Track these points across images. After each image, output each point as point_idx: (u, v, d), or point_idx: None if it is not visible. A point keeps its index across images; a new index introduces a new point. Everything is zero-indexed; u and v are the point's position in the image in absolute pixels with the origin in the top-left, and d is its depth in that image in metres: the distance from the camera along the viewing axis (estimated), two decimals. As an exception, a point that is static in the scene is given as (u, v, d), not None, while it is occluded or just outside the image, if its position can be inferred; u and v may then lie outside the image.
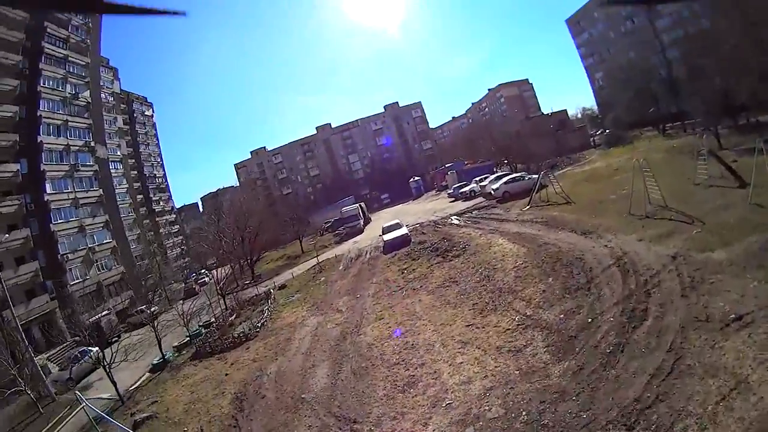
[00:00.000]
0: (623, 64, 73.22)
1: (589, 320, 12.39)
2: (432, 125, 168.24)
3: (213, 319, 30.44)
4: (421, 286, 20.89)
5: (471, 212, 38.58)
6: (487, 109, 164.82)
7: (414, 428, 10.79)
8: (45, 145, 48.21)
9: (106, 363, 20.33)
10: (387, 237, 34.19)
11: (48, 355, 37.09)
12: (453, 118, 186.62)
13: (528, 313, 13.66)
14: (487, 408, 10.49)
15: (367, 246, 38.98)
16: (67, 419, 17.05)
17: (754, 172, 17.41)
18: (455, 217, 38.65)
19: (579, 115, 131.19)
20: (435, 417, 10.88)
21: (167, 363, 24.46)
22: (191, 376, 20.71)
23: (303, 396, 14.23)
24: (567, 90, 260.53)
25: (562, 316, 12.83)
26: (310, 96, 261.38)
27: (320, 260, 38.69)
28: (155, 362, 24.87)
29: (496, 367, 11.95)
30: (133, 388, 22.27)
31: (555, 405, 9.67)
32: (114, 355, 20.95)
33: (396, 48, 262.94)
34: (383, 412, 11.84)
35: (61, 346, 38.92)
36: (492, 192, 41.54)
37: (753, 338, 9.06)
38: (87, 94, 57.16)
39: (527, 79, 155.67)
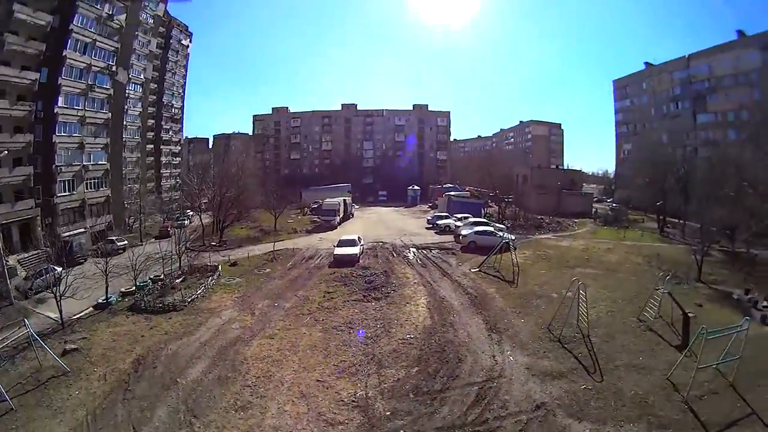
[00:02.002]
0: (651, 145, 72.40)
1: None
2: (458, 136, 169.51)
3: (162, 276, 31.90)
4: (323, 319, 22.22)
5: (431, 250, 39.62)
6: (513, 139, 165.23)
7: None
8: (68, 59, 48.95)
9: (59, 292, 23.54)
10: (337, 252, 35.72)
11: (20, 257, 39.28)
12: (479, 137, 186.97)
13: (369, 394, 14.77)
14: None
15: (324, 249, 40.26)
16: (10, 337, 19.09)
17: (702, 342, 15.20)
18: (414, 250, 39.83)
19: (600, 174, 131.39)
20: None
21: (109, 305, 26.78)
22: (120, 325, 23.31)
23: (177, 379, 16.66)
24: (596, 146, 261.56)
25: (388, 413, 13.76)
26: (348, 65, 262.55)
27: (277, 249, 40.36)
28: (100, 301, 26.97)
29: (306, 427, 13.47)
30: (75, 317, 24.83)
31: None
32: (67, 287, 24.14)
33: (448, 47, 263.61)
34: (215, 421, 13.99)
35: (34, 253, 40.91)
36: (461, 236, 42.29)
37: None
38: (123, 17, 57.35)
39: (559, 124, 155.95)
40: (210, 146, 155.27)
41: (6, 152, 39.17)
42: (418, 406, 14.21)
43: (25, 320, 19.23)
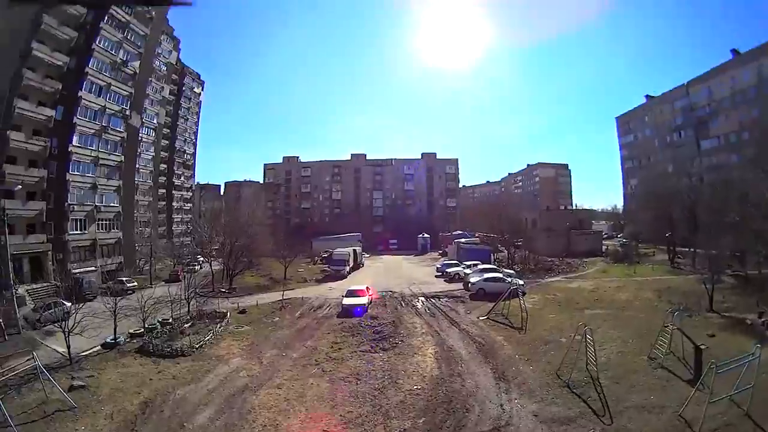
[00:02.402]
0: (657, 177, 72.85)
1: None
2: (467, 181, 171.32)
3: (171, 320, 32.03)
4: (331, 370, 22.12)
5: (440, 298, 39.65)
6: (521, 183, 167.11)
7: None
8: (83, 100, 51.03)
9: (67, 329, 23.80)
10: (345, 302, 35.80)
11: (29, 288, 40.14)
12: (487, 182, 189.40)
13: (375, 446, 14.79)
14: None
15: (333, 299, 40.25)
16: (20, 367, 19.84)
17: (714, 374, 15.02)
18: (422, 299, 39.85)
19: (610, 209, 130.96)
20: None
21: (117, 345, 27.04)
22: (127, 366, 23.49)
23: (184, 424, 16.72)
24: (605, 182, 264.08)
25: (394, 466, 13.72)
26: (356, 114, 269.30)
27: (286, 297, 40.62)
28: (108, 340, 27.20)
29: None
30: (83, 354, 25.00)
31: None
32: (76, 324, 24.33)
33: (454, 94, 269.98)
34: None
35: (43, 285, 42.08)
36: (470, 284, 42.33)
37: None
38: (137, 64, 59.73)
39: (566, 165, 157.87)
40: (221, 193, 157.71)
41: (20, 187, 40.41)
42: (423, 456, 13.98)
43: (34, 353, 19.56)
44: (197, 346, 26.48)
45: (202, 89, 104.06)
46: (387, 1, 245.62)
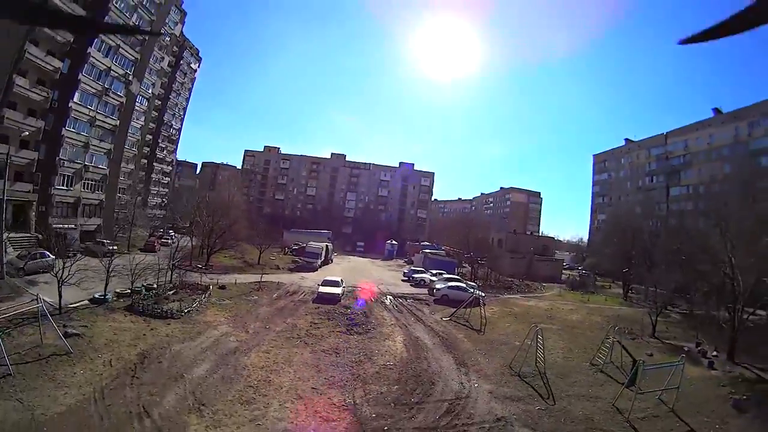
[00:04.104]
0: (624, 216, 76.62)
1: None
2: (439, 196, 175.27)
3: (155, 286, 33.21)
4: (312, 344, 24.70)
5: (406, 299, 42.40)
6: (492, 204, 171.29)
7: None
8: (91, 57, 51.56)
9: (61, 279, 24.37)
10: (321, 290, 38.29)
11: (10, 235, 39.90)
12: (459, 199, 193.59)
13: (357, 402, 17.43)
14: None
15: (307, 287, 42.60)
16: (20, 309, 20.47)
17: (640, 373, 18.54)
18: (390, 297, 42.55)
19: (578, 242, 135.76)
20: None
21: (105, 302, 27.79)
22: (119, 322, 24.66)
23: (184, 374, 18.52)
24: (572, 214, 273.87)
25: (374, 415, 16.39)
26: (340, 115, 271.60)
27: (263, 280, 42.61)
28: (97, 296, 28.02)
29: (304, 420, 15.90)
30: (71, 306, 25.35)
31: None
32: (70, 276, 24.85)
33: (441, 108, 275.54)
34: (222, 410, 15.90)
35: (24, 235, 42.56)
36: (435, 290, 45.17)
37: None
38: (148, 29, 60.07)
39: (539, 193, 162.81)
40: (197, 172, 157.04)
41: (27, 132, 40.86)
42: (398, 413, 16.87)
43: (39, 295, 19.97)
44: (185, 311, 28.13)
45: (199, 66, 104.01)
46: (379, 10, 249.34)
